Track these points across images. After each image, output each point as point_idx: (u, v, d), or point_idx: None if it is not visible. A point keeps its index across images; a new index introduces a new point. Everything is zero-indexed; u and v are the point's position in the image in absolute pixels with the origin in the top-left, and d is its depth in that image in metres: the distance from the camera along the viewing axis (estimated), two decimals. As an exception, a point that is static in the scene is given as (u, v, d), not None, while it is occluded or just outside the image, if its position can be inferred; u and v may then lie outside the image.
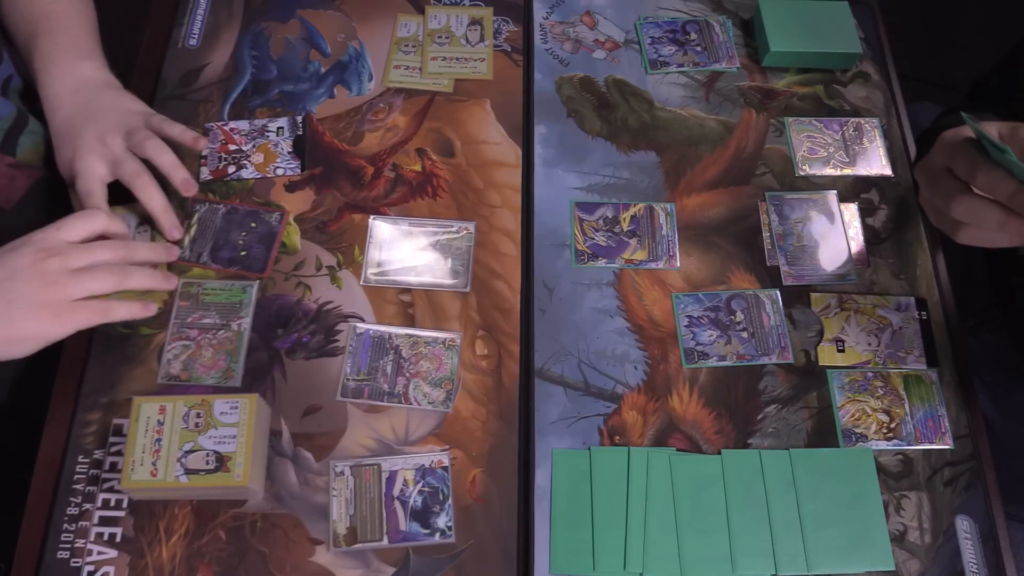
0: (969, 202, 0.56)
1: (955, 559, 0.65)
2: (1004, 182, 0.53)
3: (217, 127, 0.78)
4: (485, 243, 0.74)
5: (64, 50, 0.71)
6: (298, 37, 0.84)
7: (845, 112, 0.84)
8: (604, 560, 0.63)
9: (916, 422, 0.69)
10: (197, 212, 0.73)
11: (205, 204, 0.74)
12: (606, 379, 0.70)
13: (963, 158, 0.56)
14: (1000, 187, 0.53)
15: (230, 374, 0.67)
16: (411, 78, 0.83)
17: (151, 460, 0.58)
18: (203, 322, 0.69)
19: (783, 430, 0.69)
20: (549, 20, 0.87)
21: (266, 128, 0.78)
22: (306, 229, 0.74)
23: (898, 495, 0.67)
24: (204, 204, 0.74)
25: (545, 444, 0.67)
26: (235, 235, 0.73)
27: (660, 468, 0.66)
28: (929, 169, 0.60)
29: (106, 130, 0.68)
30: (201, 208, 0.74)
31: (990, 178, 0.54)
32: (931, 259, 0.77)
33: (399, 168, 0.78)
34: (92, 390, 0.67)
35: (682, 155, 0.80)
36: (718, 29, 0.88)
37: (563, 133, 0.81)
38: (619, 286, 0.74)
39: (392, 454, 0.65)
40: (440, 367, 0.69)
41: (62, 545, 0.61)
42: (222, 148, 0.77)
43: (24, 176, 0.72)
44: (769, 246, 0.76)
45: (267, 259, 0.72)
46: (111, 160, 0.67)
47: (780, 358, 0.71)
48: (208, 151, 0.77)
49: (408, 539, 0.63)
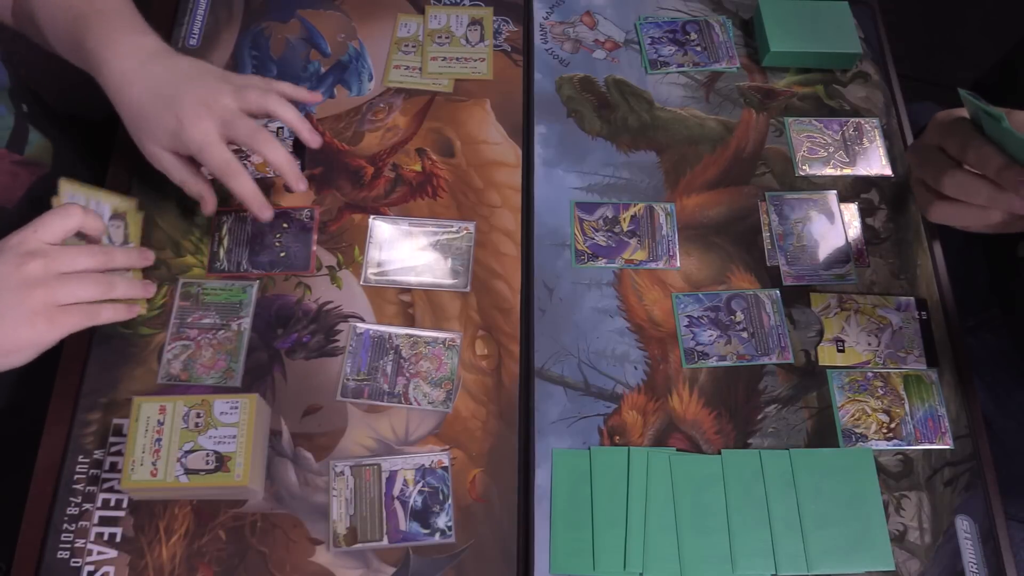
0: (959, 176, 0.58)
1: (955, 559, 0.65)
2: (994, 157, 0.55)
3: None
4: (485, 243, 0.74)
5: (121, 29, 0.67)
6: (298, 37, 0.84)
7: (845, 112, 0.84)
8: (604, 560, 0.63)
9: (916, 422, 0.69)
10: (225, 224, 0.73)
11: (231, 215, 0.74)
12: (606, 379, 0.70)
13: (955, 135, 0.58)
14: (990, 162, 0.55)
15: (230, 374, 0.67)
16: (411, 78, 0.83)
17: (151, 460, 0.58)
18: (203, 322, 0.69)
19: (783, 430, 0.69)
20: (549, 20, 0.87)
21: (266, 128, 0.78)
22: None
23: (898, 495, 0.67)
24: (230, 215, 0.74)
25: (545, 444, 0.67)
26: (269, 238, 0.73)
27: (660, 468, 0.66)
28: (921, 147, 0.62)
29: (208, 92, 0.64)
30: (228, 219, 0.73)
31: (981, 153, 0.55)
32: (931, 259, 0.77)
33: (399, 168, 0.78)
34: (92, 390, 0.67)
35: (682, 155, 0.80)
36: (718, 29, 0.88)
37: (563, 133, 0.81)
38: (619, 286, 0.74)
39: (392, 454, 0.65)
40: (440, 367, 0.69)
41: (62, 545, 0.61)
42: None
43: (27, 173, 0.71)
44: (769, 246, 0.76)
45: (308, 256, 0.72)
46: (223, 122, 0.64)
47: (780, 358, 0.71)
48: None
49: (408, 539, 0.63)
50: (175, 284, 0.70)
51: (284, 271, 0.72)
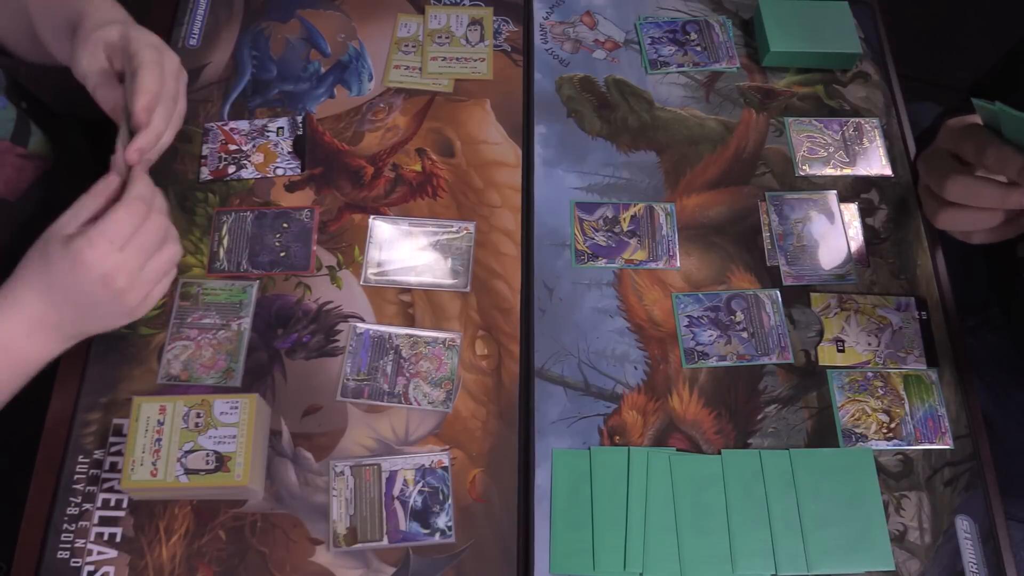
0: (966, 180, 0.59)
1: (955, 559, 0.65)
2: (1015, 157, 0.56)
3: (217, 127, 0.78)
4: (485, 243, 0.74)
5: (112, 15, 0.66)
6: (298, 37, 0.84)
7: (845, 112, 0.84)
8: (604, 560, 0.63)
9: (916, 422, 0.69)
10: (226, 223, 0.73)
11: (231, 214, 0.74)
12: (606, 379, 0.70)
13: (970, 140, 0.59)
14: (1011, 161, 0.56)
15: (230, 374, 0.67)
16: (411, 78, 0.83)
17: (151, 460, 0.58)
18: (203, 322, 0.69)
19: (783, 430, 0.69)
20: (549, 20, 0.87)
21: (266, 128, 0.78)
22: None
23: (898, 495, 0.67)
24: (230, 214, 0.74)
25: (545, 444, 0.67)
26: (269, 239, 0.73)
27: (660, 468, 0.66)
28: (932, 155, 0.63)
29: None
30: (228, 218, 0.74)
31: (1000, 153, 0.56)
32: (931, 259, 0.77)
33: (399, 168, 0.78)
34: (92, 390, 0.67)
35: (682, 155, 0.80)
36: (718, 29, 0.88)
37: (563, 133, 0.81)
38: (619, 286, 0.73)
39: (392, 454, 0.65)
40: (440, 367, 0.69)
41: (62, 545, 0.61)
42: (222, 148, 0.77)
43: (32, 167, 0.71)
44: (769, 246, 0.76)
45: (308, 256, 0.72)
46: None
47: (780, 358, 0.71)
48: (208, 151, 0.77)
49: (408, 539, 0.63)
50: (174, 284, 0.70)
51: (284, 271, 0.72)
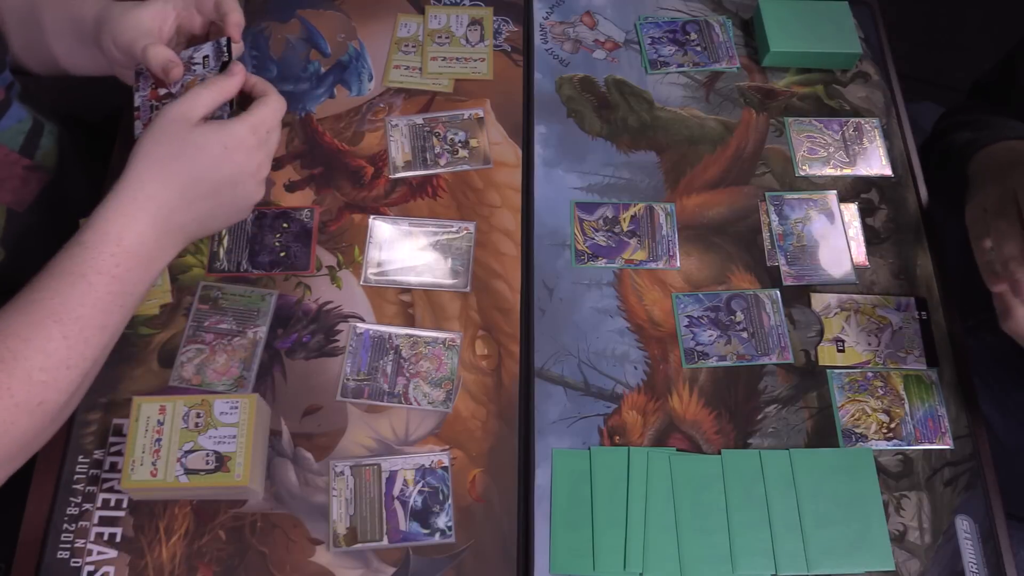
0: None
1: (955, 559, 0.65)
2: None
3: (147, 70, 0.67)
4: (485, 243, 0.74)
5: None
6: (298, 37, 0.84)
7: (845, 112, 0.84)
8: (604, 560, 0.63)
9: (916, 422, 0.69)
10: None
11: None
12: (606, 379, 0.70)
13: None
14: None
15: (241, 382, 0.67)
16: (411, 78, 0.83)
17: (151, 460, 0.58)
18: (220, 327, 0.69)
19: (783, 430, 0.69)
20: (549, 20, 0.87)
21: (192, 60, 0.67)
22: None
23: (898, 495, 0.67)
24: None
25: (545, 444, 0.67)
26: (269, 238, 0.73)
27: (660, 468, 0.66)
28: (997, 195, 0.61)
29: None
30: None
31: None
32: (931, 259, 0.77)
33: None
34: (92, 390, 0.66)
35: (682, 155, 0.80)
36: (718, 29, 0.88)
37: (563, 133, 0.81)
38: (619, 286, 0.74)
39: (392, 454, 0.65)
40: (440, 367, 0.69)
41: (62, 545, 0.61)
42: (152, 95, 0.68)
43: (37, 179, 0.72)
44: (769, 246, 0.76)
45: (309, 256, 0.72)
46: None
47: (780, 358, 0.71)
48: (140, 100, 0.68)
49: (408, 539, 0.63)
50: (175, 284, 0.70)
51: (284, 271, 0.72)
